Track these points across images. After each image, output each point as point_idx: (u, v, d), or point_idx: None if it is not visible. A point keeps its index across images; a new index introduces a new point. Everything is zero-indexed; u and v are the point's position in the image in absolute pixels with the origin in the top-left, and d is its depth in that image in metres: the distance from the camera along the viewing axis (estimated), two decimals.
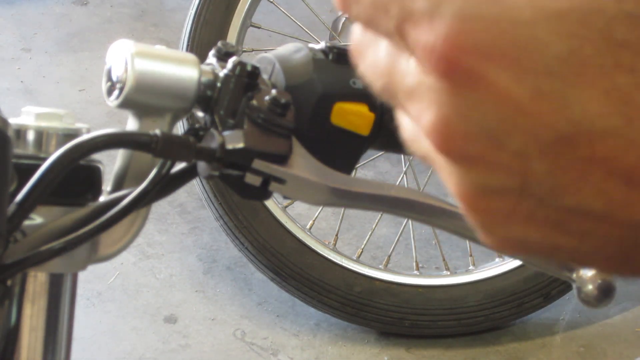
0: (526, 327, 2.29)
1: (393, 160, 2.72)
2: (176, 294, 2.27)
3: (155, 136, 0.65)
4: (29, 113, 0.70)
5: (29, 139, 0.69)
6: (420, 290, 2.22)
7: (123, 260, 2.33)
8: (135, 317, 2.20)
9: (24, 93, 2.86)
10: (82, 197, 0.69)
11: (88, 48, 3.07)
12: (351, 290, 2.18)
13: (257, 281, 2.31)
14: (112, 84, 0.68)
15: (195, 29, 2.15)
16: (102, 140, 0.64)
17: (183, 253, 2.39)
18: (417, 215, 0.71)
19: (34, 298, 0.69)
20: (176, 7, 3.31)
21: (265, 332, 2.20)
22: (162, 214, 2.48)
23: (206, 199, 2.17)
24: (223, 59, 0.70)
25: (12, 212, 0.63)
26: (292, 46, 0.72)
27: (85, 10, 3.28)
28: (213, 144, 0.66)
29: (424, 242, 2.47)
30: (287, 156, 0.67)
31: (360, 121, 0.70)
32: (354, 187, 0.69)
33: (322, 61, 0.70)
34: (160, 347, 2.13)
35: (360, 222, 2.51)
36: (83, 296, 2.21)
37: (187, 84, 0.67)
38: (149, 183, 0.66)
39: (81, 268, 0.71)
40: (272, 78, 0.71)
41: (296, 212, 2.33)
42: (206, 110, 0.69)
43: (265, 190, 0.68)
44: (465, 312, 2.22)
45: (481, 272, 2.25)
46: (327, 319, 2.24)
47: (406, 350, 2.21)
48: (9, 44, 3.08)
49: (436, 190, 2.62)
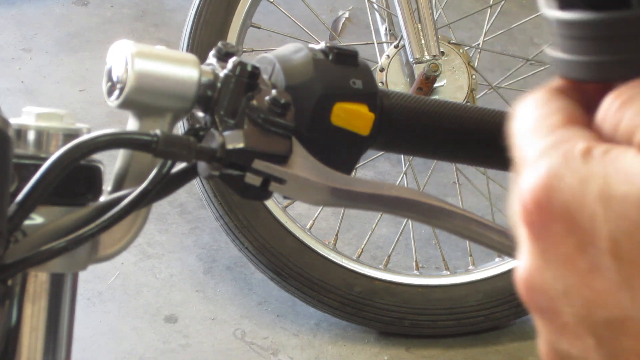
0: (526, 327, 2.29)
1: (393, 160, 2.72)
2: (176, 294, 2.27)
3: (155, 136, 0.65)
4: (30, 113, 0.70)
5: (29, 139, 0.69)
6: (420, 290, 2.22)
7: (123, 260, 2.33)
8: (136, 317, 2.20)
9: (25, 93, 2.86)
10: (83, 197, 0.69)
11: (88, 48, 3.07)
12: (351, 290, 2.18)
13: (257, 281, 2.31)
14: (113, 84, 0.68)
15: (196, 29, 2.15)
16: (102, 141, 0.64)
17: (183, 253, 2.39)
18: (417, 215, 0.71)
19: (34, 298, 0.69)
20: (176, 7, 3.31)
21: (265, 332, 2.20)
22: (163, 214, 2.48)
23: (206, 199, 2.17)
24: (223, 59, 0.70)
25: (13, 212, 0.63)
26: (292, 46, 0.72)
27: (85, 10, 3.28)
28: (213, 144, 0.66)
29: (424, 242, 2.47)
30: (287, 156, 0.67)
31: (360, 121, 0.70)
32: (354, 187, 0.69)
33: (322, 61, 0.70)
34: (160, 347, 2.13)
35: (360, 222, 2.51)
36: (83, 296, 2.21)
37: (187, 84, 0.68)
38: (149, 183, 0.67)
39: (82, 268, 0.71)
40: (272, 78, 0.71)
41: (296, 212, 2.33)
42: (206, 111, 0.69)
43: (265, 190, 0.68)
44: (465, 312, 2.22)
45: (481, 272, 2.25)
46: (327, 318, 2.24)
47: (406, 350, 2.21)
48: (10, 44, 3.08)
49: (436, 190, 2.62)
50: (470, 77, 2.22)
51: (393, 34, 2.44)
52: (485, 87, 2.34)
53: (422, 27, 2.15)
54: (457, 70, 2.22)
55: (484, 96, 2.34)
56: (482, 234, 0.72)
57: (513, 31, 2.92)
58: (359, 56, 0.72)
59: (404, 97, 0.74)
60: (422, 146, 0.76)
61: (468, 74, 2.22)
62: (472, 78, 2.22)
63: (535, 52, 2.50)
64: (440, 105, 0.75)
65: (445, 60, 2.20)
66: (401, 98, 0.74)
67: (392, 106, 0.73)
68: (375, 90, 0.71)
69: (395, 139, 0.74)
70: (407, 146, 0.76)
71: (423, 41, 2.14)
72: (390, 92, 0.74)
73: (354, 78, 0.70)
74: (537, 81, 2.62)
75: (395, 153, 0.80)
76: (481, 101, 2.29)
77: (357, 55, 0.72)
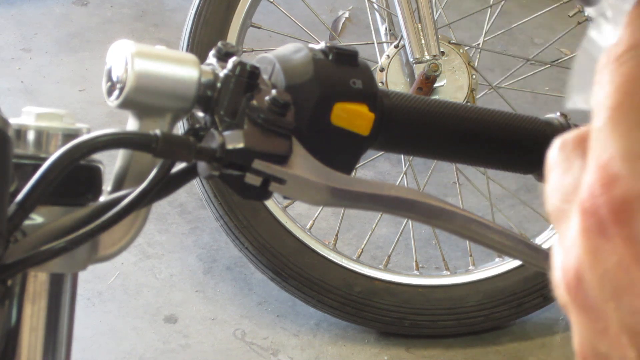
0: (526, 327, 2.29)
1: (393, 160, 2.72)
2: (176, 294, 2.27)
3: (155, 136, 0.65)
4: (30, 113, 0.70)
5: (29, 139, 0.69)
6: (420, 290, 2.22)
7: (123, 260, 2.33)
8: (136, 317, 2.20)
9: (24, 93, 2.86)
10: (83, 197, 0.69)
11: (88, 48, 3.07)
12: (351, 290, 2.18)
13: (257, 281, 2.31)
14: (113, 84, 0.68)
15: (196, 29, 2.15)
16: (102, 141, 0.64)
17: (183, 253, 2.39)
18: (417, 215, 0.71)
19: (34, 298, 0.69)
20: (176, 7, 3.31)
21: (265, 332, 2.20)
22: (163, 214, 2.48)
23: (206, 199, 2.17)
24: (223, 59, 0.70)
25: (13, 212, 0.63)
26: (292, 46, 0.72)
27: (85, 10, 3.28)
28: (213, 144, 0.66)
29: (424, 242, 2.47)
30: (287, 156, 0.67)
31: (360, 121, 0.70)
32: (354, 187, 0.69)
33: (322, 61, 0.70)
34: (160, 347, 2.13)
35: (360, 222, 2.51)
36: (83, 296, 2.21)
37: (187, 84, 0.68)
38: (149, 183, 0.66)
39: (81, 268, 0.71)
40: (272, 78, 0.71)
41: (296, 212, 2.33)
42: (206, 111, 0.69)
43: (265, 190, 0.68)
44: (465, 312, 2.22)
45: (481, 272, 2.25)
46: (327, 319, 2.24)
47: (406, 350, 2.21)
48: (9, 44, 3.08)
49: (436, 190, 2.62)
50: (471, 77, 2.22)
51: (393, 34, 2.44)
52: (486, 87, 2.34)
53: (422, 27, 2.15)
54: (457, 70, 2.22)
55: (484, 96, 2.34)
56: (482, 234, 0.72)
57: (513, 31, 2.92)
58: (359, 56, 0.72)
59: (404, 97, 0.74)
60: (422, 146, 0.76)
61: (468, 74, 2.22)
62: (472, 78, 2.22)
63: (535, 52, 2.50)
64: (440, 105, 0.75)
65: (445, 60, 2.20)
66: (401, 98, 0.74)
67: (392, 106, 0.73)
68: (375, 90, 0.71)
69: (395, 139, 0.74)
70: (407, 146, 0.76)
71: (423, 41, 2.14)
72: (390, 92, 0.74)
73: (354, 78, 0.70)
74: (537, 81, 2.63)
75: (395, 153, 0.80)
76: (481, 101, 2.29)
77: (357, 55, 0.72)
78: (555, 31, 2.93)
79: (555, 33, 2.73)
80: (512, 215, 2.47)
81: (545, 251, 0.74)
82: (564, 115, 0.81)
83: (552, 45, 2.65)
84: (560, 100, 2.82)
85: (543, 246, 0.86)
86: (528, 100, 2.84)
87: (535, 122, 0.79)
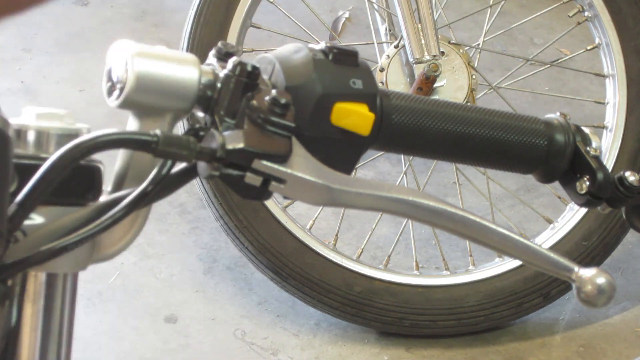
0: (526, 327, 2.29)
1: (393, 160, 2.71)
2: (176, 294, 2.27)
3: (155, 136, 0.65)
4: (30, 113, 0.70)
5: (29, 139, 0.69)
6: (420, 290, 2.22)
7: (123, 260, 2.32)
8: (136, 317, 2.20)
9: (25, 93, 2.86)
10: (83, 197, 0.69)
11: (88, 48, 3.07)
12: (351, 290, 2.18)
13: (257, 281, 2.31)
14: (113, 85, 0.68)
15: (196, 29, 2.15)
16: (102, 141, 0.64)
17: (183, 253, 2.39)
18: (417, 215, 0.71)
19: (34, 298, 0.69)
20: (176, 8, 3.31)
21: (265, 332, 2.20)
22: (163, 214, 2.48)
23: (206, 199, 2.17)
24: (223, 59, 0.70)
25: (13, 212, 0.64)
26: (292, 46, 0.72)
27: (85, 10, 3.28)
28: (213, 144, 0.66)
29: (424, 242, 2.47)
30: (287, 156, 0.67)
31: (360, 121, 0.70)
32: (354, 187, 0.69)
33: (322, 61, 0.70)
34: (160, 347, 2.13)
35: (360, 222, 2.50)
36: (83, 296, 2.20)
37: (187, 85, 0.68)
38: (149, 183, 0.67)
39: (81, 268, 0.71)
40: (272, 78, 0.71)
41: (296, 212, 2.33)
42: (206, 111, 0.69)
43: (265, 190, 0.68)
44: (465, 312, 2.22)
45: (481, 272, 2.25)
46: (327, 319, 2.24)
47: (406, 350, 2.21)
48: (9, 44, 3.08)
49: (436, 190, 2.62)
50: (470, 77, 2.22)
51: (393, 34, 2.44)
52: (485, 87, 2.34)
53: (422, 27, 2.15)
54: (457, 70, 2.22)
55: (484, 96, 2.33)
56: (482, 234, 0.72)
57: (513, 31, 2.92)
58: (359, 56, 0.72)
59: (404, 97, 0.74)
60: (422, 146, 0.76)
61: (468, 74, 2.22)
62: (472, 78, 2.22)
63: (535, 52, 2.50)
64: (440, 105, 0.76)
65: (445, 60, 2.20)
66: (401, 98, 0.74)
67: (392, 106, 0.73)
68: (375, 91, 0.71)
69: (395, 139, 0.74)
70: (407, 146, 0.76)
71: (423, 41, 2.14)
72: (390, 92, 0.74)
73: (354, 78, 0.70)
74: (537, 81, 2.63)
75: (395, 153, 0.80)
76: (481, 101, 2.29)
77: (357, 55, 0.72)
78: (555, 31, 2.92)
79: (555, 33, 2.73)
80: (512, 215, 2.47)
81: (545, 251, 0.74)
82: (564, 115, 0.81)
83: (552, 46, 2.65)
84: (560, 100, 2.82)
85: (543, 246, 0.86)
86: (528, 100, 2.84)
87: (535, 122, 0.79)
